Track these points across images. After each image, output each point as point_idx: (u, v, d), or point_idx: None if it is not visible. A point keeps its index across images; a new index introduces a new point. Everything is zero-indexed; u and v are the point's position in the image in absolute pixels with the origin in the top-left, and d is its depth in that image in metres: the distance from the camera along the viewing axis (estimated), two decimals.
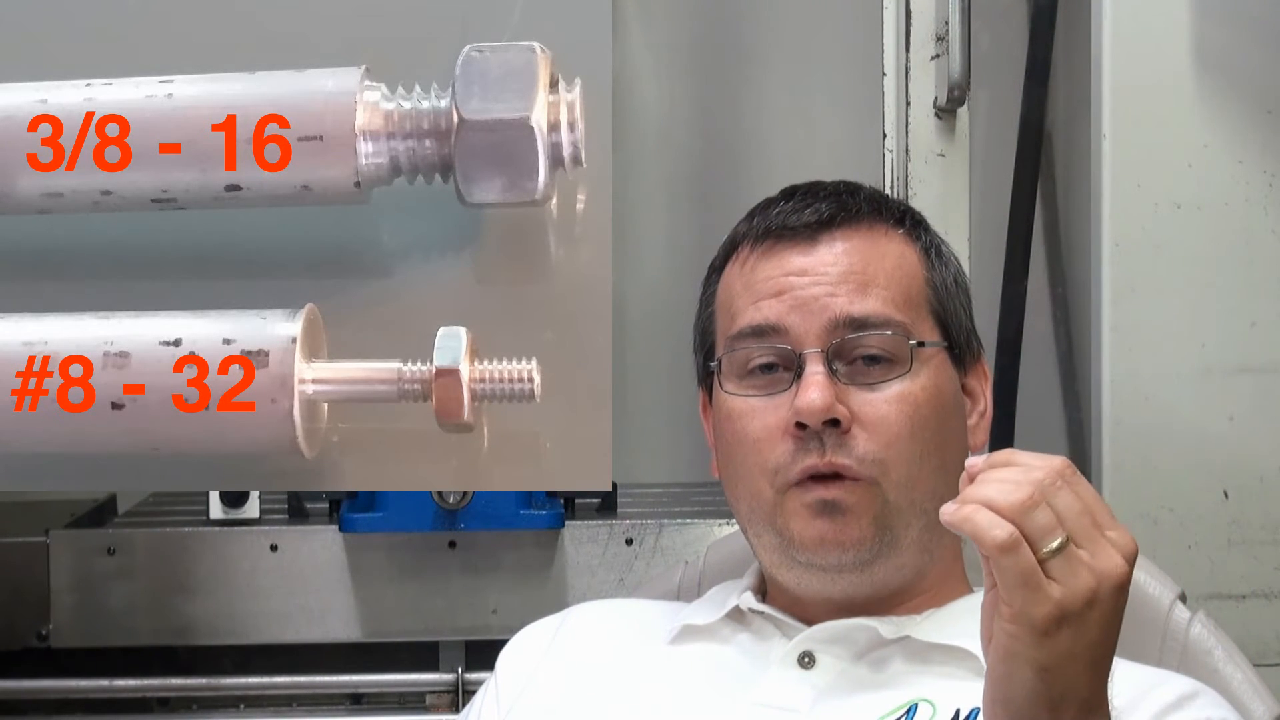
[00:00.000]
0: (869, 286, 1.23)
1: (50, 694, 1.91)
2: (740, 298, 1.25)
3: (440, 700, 1.90)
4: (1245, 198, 1.80)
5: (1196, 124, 1.80)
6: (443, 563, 1.91)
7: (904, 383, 1.21)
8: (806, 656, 1.21)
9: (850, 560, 1.20)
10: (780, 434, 1.20)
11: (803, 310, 1.22)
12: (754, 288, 1.25)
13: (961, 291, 1.29)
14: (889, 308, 1.23)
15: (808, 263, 1.24)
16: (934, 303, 1.26)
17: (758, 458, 1.21)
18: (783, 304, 1.22)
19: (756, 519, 1.23)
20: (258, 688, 1.93)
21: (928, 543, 1.23)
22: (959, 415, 1.26)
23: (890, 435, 1.20)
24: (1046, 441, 2.12)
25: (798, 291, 1.23)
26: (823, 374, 1.20)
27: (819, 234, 1.25)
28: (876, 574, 1.21)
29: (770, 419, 1.21)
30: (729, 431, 1.24)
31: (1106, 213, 1.81)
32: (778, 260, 1.24)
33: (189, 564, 1.91)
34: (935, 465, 1.22)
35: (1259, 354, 1.80)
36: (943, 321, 1.26)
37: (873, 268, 1.24)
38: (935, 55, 1.97)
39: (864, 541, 1.20)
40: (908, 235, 1.28)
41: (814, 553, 1.20)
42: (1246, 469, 1.80)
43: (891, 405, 1.21)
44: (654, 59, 2.38)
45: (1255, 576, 1.80)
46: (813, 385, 1.19)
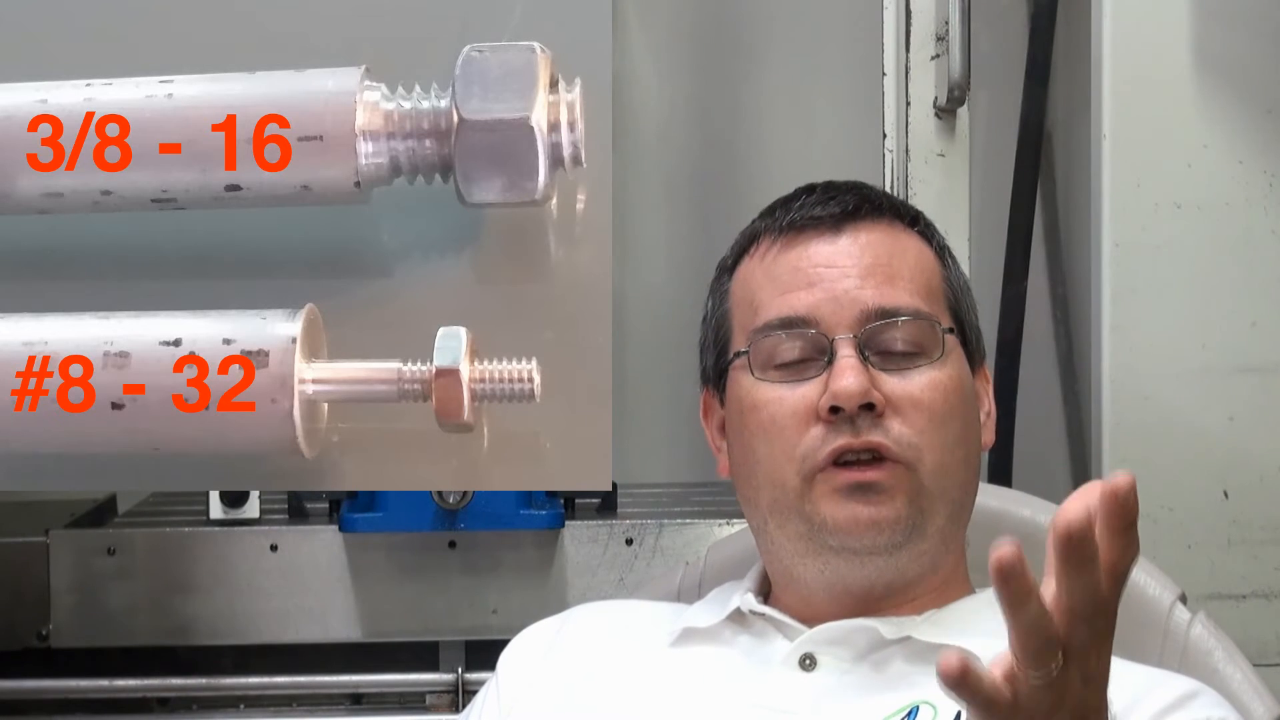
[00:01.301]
0: (895, 279, 1.23)
1: (50, 694, 1.91)
2: (764, 289, 1.25)
3: (440, 700, 1.90)
4: (1245, 198, 1.80)
5: (1196, 124, 1.80)
6: (443, 563, 1.91)
7: (934, 370, 1.22)
8: (808, 658, 1.21)
9: (884, 542, 1.20)
10: (809, 420, 1.20)
11: (834, 301, 1.22)
12: (779, 279, 1.25)
13: (968, 294, 1.30)
14: (916, 299, 1.23)
15: (833, 253, 1.24)
16: (951, 299, 1.27)
17: (784, 445, 1.21)
18: (812, 295, 1.23)
19: (781, 509, 1.22)
20: (258, 688, 1.93)
21: (948, 535, 1.23)
22: (976, 410, 1.27)
23: (924, 420, 1.20)
24: (1047, 441, 2.12)
25: (827, 283, 1.23)
26: (856, 358, 1.20)
27: (843, 224, 1.25)
28: (902, 559, 1.21)
29: (799, 405, 1.21)
30: (752, 422, 1.23)
31: (1106, 213, 1.81)
32: (801, 250, 1.25)
33: (189, 564, 1.91)
34: (962, 456, 1.23)
35: (1259, 354, 1.80)
36: (958, 319, 1.27)
37: (897, 261, 1.24)
38: (935, 55, 1.97)
39: (899, 522, 1.19)
40: (922, 234, 1.29)
41: (847, 534, 1.20)
42: (1246, 469, 1.80)
43: (925, 391, 1.21)
44: (654, 59, 2.38)
45: (1255, 576, 1.80)
46: (848, 369, 1.19)
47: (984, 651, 1.21)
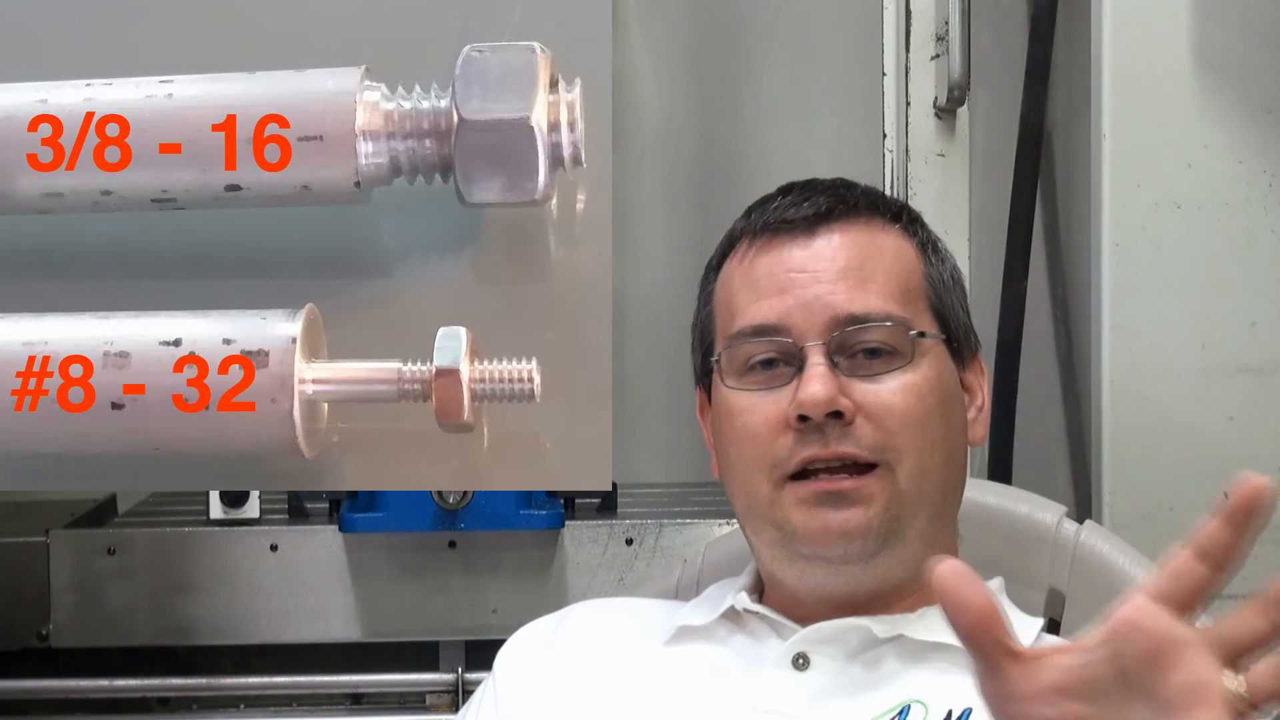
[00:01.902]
0: (868, 282, 1.23)
1: (50, 694, 1.91)
2: (740, 294, 1.25)
3: (440, 700, 1.90)
4: (1245, 198, 1.80)
5: (1196, 124, 1.80)
6: (443, 563, 1.91)
7: (905, 374, 1.21)
8: (801, 658, 1.21)
9: (856, 551, 1.20)
10: (781, 428, 1.20)
11: (804, 308, 1.22)
12: (754, 285, 1.24)
13: (958, 287, 1.29)
14: (888, 303, 1.23)
15: (806, 257, 1.24)
16: (931, 297, 1.26)
17: (756, 452, 1.21)
18: (784, 302, 1.22)
19: (754, 515, 1.23)
20: (258, 688, 1.93)
21: (930, 537, 1.23)
22: (960, 408, 1.26)
23: (895, 424, 1.20)
24: (1047, 441, 2.12)
25: (799, 289, 1.22)
26: (824, 366, 1.20)
27: (816, 227, 1.25)
28: (880, 566, 1.21)
29: (770, 413, 1.21)
30: (727, 428, 1.24)
31: (1106, 213, 1.81)
32: (776, 254, 1.25)
33: (189, 564, 1.91)
34: (943, 457, 1.22)
35: (1259, 354, 1.80)
36: (940, 316, 1.26)
37: (871, 262, 1.24)
38: (935, 55, 1.97)
39: (869, 530, 1.19)
40: (904, 230, 1.28)
41: (818, 544, 1.20)
42: (1246, 469, 1.80)
43: (895, 395, 1.21)
44: (654, 59, 2.38)
45: (1255, 576, 1.80)
46: (815, 377, 1.19)
47: None
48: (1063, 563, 1.41)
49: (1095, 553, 1.41)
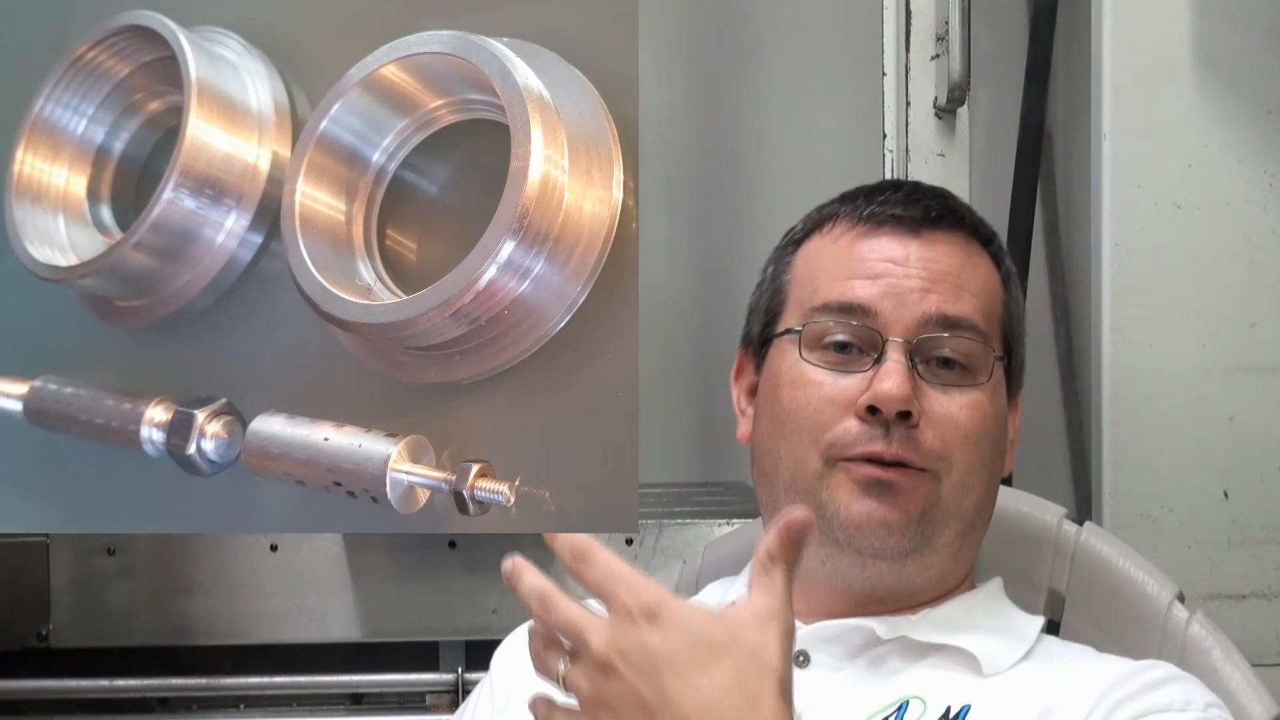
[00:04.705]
0: (962, 291, 1.24)
1: (50, 694, 1.91)
2: (828, 271, 1.25)
3: (440, 700, 1.90)
4: (1245, 198, 1.80)
5: (1196, 124, 1.80)
6: (443, 563, 1.90)
7: (975, 392, 1.23)
8: (801, 655, 1.21)
9: (892, 546, 1.20)
10: (844, 411, 1.21)
11: (896, 299, 1.22)
12: (847, 265, 1.25)
13: (1022, 324, 1.30)
14: (978, 316, 1.24)
15: (907, 253, 1.24)
16: (1006, 326, 1.28)
17: (813, 426, 1.21)
18: (877, 287, 1.23)
19: (796, 489, 1.22)
20: (258, 688, 1.93)
21: (957, 551, 1.24)
22: (1004, 438, 1.28)
23: (956, 437, 1.21)
24: (1047, 441, 2.12)
25: (894, 279, 1.23)
26: (904, 364, 1.20)
27: (923, 228, 1.25)
28: (908, 569, 1.22)
29: (838, 395, 1.22)
30: (787, 397, 1.24)
31: (1106, 213, 1.81)
32: (876, 243, 1.25)
33: (189, 564, 1.91)
34: (985, 479, 1.24)
35: (1259, 354, 1.80)
36: (1008, 346, 1.27)
37: (966, 275, 1.25)
38: (935, 55, 1.97)
39: (909, 526, 1.20)
40: (993, 257, 1.29)
41: (857, 531, 1.20)
42: (1246, 469, 1.80)
43: (962, 410, 1.22)
44: (654, 59, 2.37)
45: (1255, 576, 1.80)
46: (895, 373, 1.20)
47: (979, 649, 1.22)
48: (1063, 564, 1.41)
49: (1095, 554, 1.41)
